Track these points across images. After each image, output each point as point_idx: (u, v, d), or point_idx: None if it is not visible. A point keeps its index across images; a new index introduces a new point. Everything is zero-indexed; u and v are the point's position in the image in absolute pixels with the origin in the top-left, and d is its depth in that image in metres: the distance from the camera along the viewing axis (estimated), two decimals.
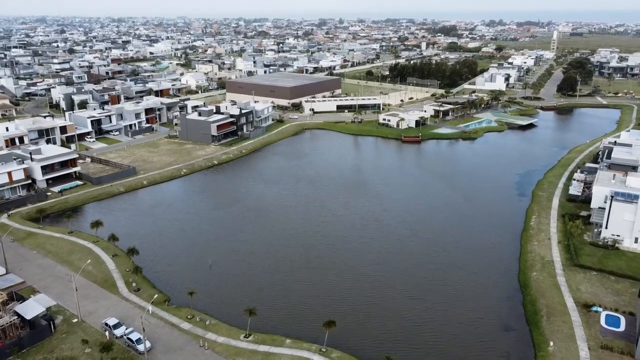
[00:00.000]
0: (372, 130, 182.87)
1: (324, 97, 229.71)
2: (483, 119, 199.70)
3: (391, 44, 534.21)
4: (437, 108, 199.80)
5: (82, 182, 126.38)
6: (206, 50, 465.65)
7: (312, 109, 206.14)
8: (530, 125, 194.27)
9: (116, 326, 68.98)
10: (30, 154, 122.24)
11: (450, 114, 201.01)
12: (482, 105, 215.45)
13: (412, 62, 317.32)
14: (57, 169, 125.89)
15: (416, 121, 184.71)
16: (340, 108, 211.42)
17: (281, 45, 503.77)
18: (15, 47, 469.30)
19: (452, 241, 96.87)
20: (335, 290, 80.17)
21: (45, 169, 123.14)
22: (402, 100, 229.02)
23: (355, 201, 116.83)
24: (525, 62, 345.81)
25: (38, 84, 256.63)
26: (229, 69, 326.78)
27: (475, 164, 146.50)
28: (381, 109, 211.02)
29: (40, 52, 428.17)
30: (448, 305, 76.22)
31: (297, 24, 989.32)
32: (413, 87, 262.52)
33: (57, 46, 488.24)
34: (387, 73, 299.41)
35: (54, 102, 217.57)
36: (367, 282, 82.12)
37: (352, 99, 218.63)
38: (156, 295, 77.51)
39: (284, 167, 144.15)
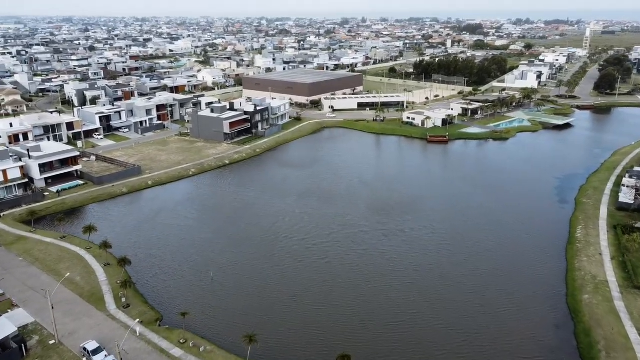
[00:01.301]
0: (395, 129, 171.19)
1: (344, 94, 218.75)
2: (515, 118, 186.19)
3: (415, 41, 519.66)
4: (465, 106, 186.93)
5: (83, 182, 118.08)
6: (226, 48, 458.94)
7: (332, 107, 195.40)
8: (567, 125, 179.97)
9: (96, 351, 59.34)
10: (28, 151, 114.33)
11: (479, 112, 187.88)
12: (514, 104, 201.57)
13: (437, 59, 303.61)
14: (57, 167, 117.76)
15: (443, 120, 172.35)
16: (362, 106, 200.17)
17: (302, 43, 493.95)
18: (38, 44, 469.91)
19: (488, 255, 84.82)
20: (353, 315, 68.81)
21: (44, 167, 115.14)
22: (427, 98, 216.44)
23: (377, 209, 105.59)
24: (557, 60, 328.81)
25: (53, 80, 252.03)
26: (248, 66, 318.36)
27: (508, 167, 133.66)
28: (405, 107, 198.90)
29: (61, 49, 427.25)
30: (487, 336, 64.35)
31: (319, 23, 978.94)
32: (439, 84, 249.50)
33: (79, 44, 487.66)
34: (411, 70, 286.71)
35: (67, 98, 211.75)
36: (391, 307, 70.50)
37: (374, 97, 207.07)
38: (145, 314, 67.86)
39: (298, 167, 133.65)
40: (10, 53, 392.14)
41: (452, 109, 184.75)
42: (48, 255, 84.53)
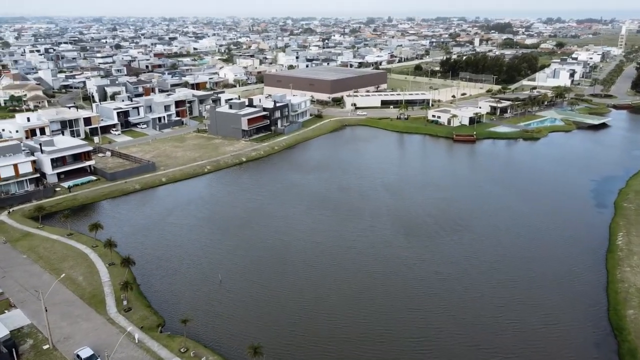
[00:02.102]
0: (419, 127, 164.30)
1: (367, 91, 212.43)
2: (546, 117, 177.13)
3: (442, 40, 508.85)
4: (494, 104, 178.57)
5: (95, 178, 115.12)
6: (250, 47, 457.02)
7: (354, 104, 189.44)
8: (603, 125, 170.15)
9: (89, 359, 55.03)
10: (40, 145, 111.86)
11: (508, 111, 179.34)
12: (545, 103, 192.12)
13: (464, 57, 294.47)
14: (70, 162, 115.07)
15: (470, 118, 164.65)
16: (385, 104, 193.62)
17: (326, 41, 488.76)
18: (65, 43, 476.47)
19: (519, 264, 77.78)
20: (370, 329, 62.64)
21: (56, 162, 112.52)
22: (453, 96, 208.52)
23: (399, 210, 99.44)
24: (591, 58, 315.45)
25: (76, 76, 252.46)
26: (271, 63, 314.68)
27: (540, 168, 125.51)
28: (430, 104, 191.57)
29: (88, 47, 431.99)
30: (520, 356, 57.69)
31: (344, 23, 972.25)
32: (466, 82, 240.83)
33: (105, 42, 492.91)
34: (438, 68, 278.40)
35: (89, 94, 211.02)
36: (412, 321, 64.18)
37: (399, 94, 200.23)
38: (146, 319, 63.41)
39: (317, 168, 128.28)
40: (38, 51, 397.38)
41: (480, 107, 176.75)
42: (53, 253, 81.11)
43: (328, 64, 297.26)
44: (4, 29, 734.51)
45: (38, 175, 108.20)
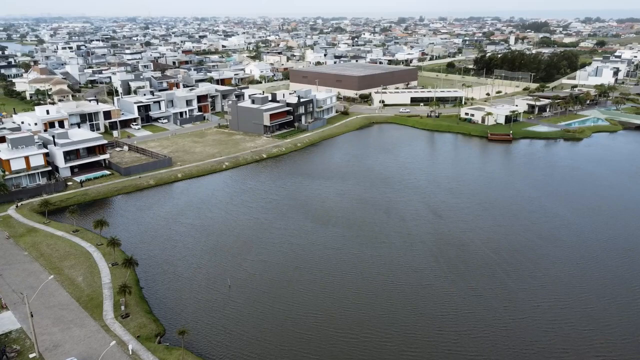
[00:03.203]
0: (451, 126, 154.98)
1: (396, 88, 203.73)
2: (589, 117, 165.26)
3: (475, 38, 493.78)
4: (532, 103, 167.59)
5: (109, 172, 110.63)
6: (278, 44, 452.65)
7: (382, 101, 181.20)
8: None
9: None
10: (54, 137, 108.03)
11: (547, 109, 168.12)
12: (587, 102, 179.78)
13: (499, 54, 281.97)
14: (83, 155, 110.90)
15: (506, 116, 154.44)
16: (415, 101, 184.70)
17: (356, 39, 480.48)
18: (97, 40, 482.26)
19: (568, 281, 68.67)
20: (393, 354, 55.13)
21: (69, 155, 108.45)
22: (488, 94, 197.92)
23: (430, 220, 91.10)
24: (635, 57, 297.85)
25: (103, 71, 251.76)
26: (298, 60, 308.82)
27: (585, 171, 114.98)
28: (463, 102, 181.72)
29: (118, 44, 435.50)
30: None
31: (375, 22, 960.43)
32: (501, 80, 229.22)
33: (136, 40, 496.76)
34: (471, 66, 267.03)
35: (114, 89, 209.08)
36: (443, 345, 56.03)
37: (429, 91, 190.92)
38: (144, 327, 57.28)
39: (341, 165, 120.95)
40: (70, 48, 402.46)
41: (516, 105, 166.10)
42: (55, 251, 76.25)
43: (357, 61, 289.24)
44: (41, 28, 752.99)
45: (50, 168, 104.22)
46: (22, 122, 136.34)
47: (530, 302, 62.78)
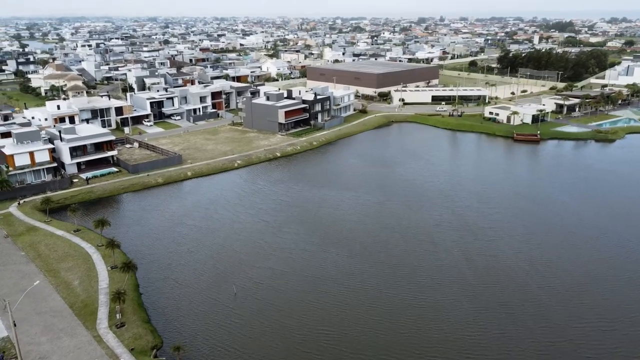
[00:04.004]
0: (474, 125, 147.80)
1: (417, 87, 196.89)
2: (621, 117, 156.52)
3: (497, 38, 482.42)
4: (561, 102, 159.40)
5: (117, 170, 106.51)
6: (297, 43, 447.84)
7: (402, 99, 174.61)
8: None
9: None
10: (60, 132, 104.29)
11: (577, 109, 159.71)
12: (619, 102, 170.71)
13: (524, 53, 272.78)
14: (91, 152, 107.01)
15: (533, 116, 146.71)
16: (437, 99, 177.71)
17: (375, 38, 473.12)
18: (117, 38, 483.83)
19: (619, 302, 61.73)
20: None
21: (76, 152, 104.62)
22: (513, 93, 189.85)
23: (455, 226, 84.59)
24: None
25: (120, 68, 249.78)
26: (316, 58, 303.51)
27: (622, 174, 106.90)
28: (487, 101, 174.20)
29: (137, 43, 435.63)
30: None
31: (394, 22, 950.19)
32: (526, 79, 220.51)
33: (155, 38, 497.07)
34: (495, 65, 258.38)
35: (128, 86, 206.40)
36: None
37: (451, 90, 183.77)
38: (140, 339, 52.23)
39: (357, 165, 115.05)
40: (90, 46, 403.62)
41: (543, 105, 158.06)
42: (53, 252, 71.94)
43: (376, 59, 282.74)
44: (64, 27, 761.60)
45: (55, 164, 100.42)
46: (33, 117, 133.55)
47: (569, 322, 56.09)
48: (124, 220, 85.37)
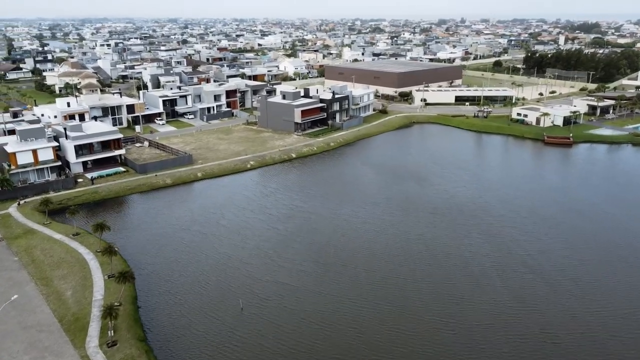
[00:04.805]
0: (501, 127, 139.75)
1: (439, 86, 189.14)
2: None
3: (521, 38, 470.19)
4: (594, 103, 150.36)
5: (124, 169, 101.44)
6: (315, 43, 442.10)
7: (424, 99, 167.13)
8: None
9: None
10: (65, 130, 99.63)
11: (611, 111, 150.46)
12: None
13: (551, 53, 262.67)
14: (97, 150, 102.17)
15: (564, 118, 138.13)
16: (460, 100, 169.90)
17: (395, 39, 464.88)
18: (136, 38, 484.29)
19: None
20: None
21: (82, 150, 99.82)
22: (541, 94, 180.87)
23: (486, 241, 77.25)
24: None
25: (136, 67, 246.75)
26: (335, 58, 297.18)
27: None
28: (514, 102, 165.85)
29: (156, 42, 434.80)
30: None
31: (414, 23, 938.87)
32: (554, 80, 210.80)
33: (174, 38, 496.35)
34: (520, 66, 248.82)
35: (142, 84, 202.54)
36: None
37: (476, 90, 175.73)
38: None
39: (376, 166, 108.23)
40: (108, 45, 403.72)
41: (574, 106, 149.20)
42: (49, 257, 66.70)
43: (396, 58, 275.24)
44: (85, 27, 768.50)
45: (59, 163, 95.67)
46: (42, 115, 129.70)
47: (628, 355, 48.61)
48: (128, 223, 80.00)
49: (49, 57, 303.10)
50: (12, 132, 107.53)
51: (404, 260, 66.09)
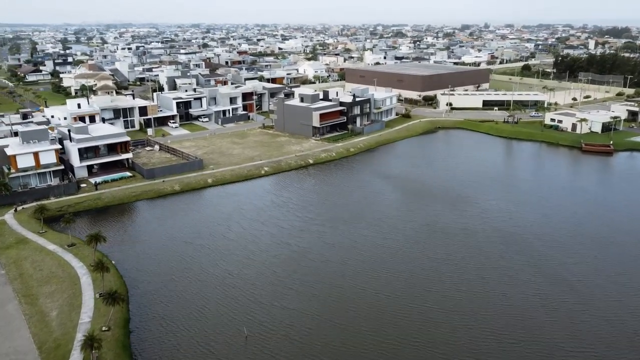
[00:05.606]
0: (533, 133, 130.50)
1: (465, 90, 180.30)
2: None
3: (549, 43, 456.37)
4: (635, 109, 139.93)
5: (130, 174, 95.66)
6: (336, 47, 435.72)
7: (450, 104, 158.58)
8: None
9: None
10: (69, 132, 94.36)
11: None
12: None
13: (584, 56, 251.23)
14: (103, 154, 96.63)
15: (603, 124, 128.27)
16: (488, 104, 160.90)
17: (418, 43, 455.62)
18: (157, 42, 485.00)
19: None
20: None
21: (87, 153, 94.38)
22: (574, 99, 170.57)
23: (527, 263, 68.90)
24: None
25: (154, 69, 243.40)
26: (356, 61, 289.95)
27: None
28: (545, 106, 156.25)
29: (176, 46, 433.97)
30: None
31: (437, 28, 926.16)
32: (587, 84, 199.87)
33: (195, 42, 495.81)
34: (550, 70, 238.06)
35: (157, 86, 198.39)
36: None
37: (504, 94, 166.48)
38: None
39: (400, 175, 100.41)
40: (130, 48, 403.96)
41: (613, 112, 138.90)
42: (38, 271, 60.70)
43: (419, 62, 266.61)
44: (109, 32, 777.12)
45: (62, 167, 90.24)
46: (52, 116, 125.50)
47: None
48: (128, 234, 73.77)
49: (69, 59, 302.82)
50: (17, 134, 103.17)
51: (432, 284, 58.19)
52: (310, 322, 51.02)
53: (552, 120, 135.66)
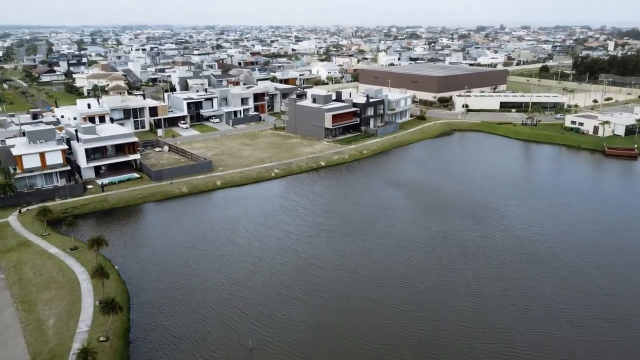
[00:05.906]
0: (553, 136, 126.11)
1: (482, 92, 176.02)
2: None
3: (567, 44, 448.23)
4: None
5: (138, 176, 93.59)
6: (350, 48, 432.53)
7: (466, 105, 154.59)
8: None
9: None
10: (76, 132, 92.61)
11: None
12: None
13: (606, 57, 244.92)
14: (110, 154, 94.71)
15: (627, 127, 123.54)
16: (505, 106, 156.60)
17: (433, 44, 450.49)
18: (171, 43, 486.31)
19: None
20: None
21: (94, 154, 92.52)
22: (595, 101, 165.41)
23: (552, 275, 65.22)
24: None
25: (166, 70, 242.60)
26: (370, 62, 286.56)
27: None
28: (566, 109, 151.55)
29: (190, 47, 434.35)
30: None
31: (452, 30, 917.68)
32: (608, 86, 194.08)
33: (209, 43, 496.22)
34: (569, 71, 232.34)
35: (169, 87, 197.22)
36: None
37: (522, 96, 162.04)
38: None
39: (414, 178, 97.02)
40: (144, 49, 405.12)
41: (637, 114, 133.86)
42: (38, 276, 58.63)
43: (434, 63, 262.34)
44: (125, 34, 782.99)
45: (69, 167, 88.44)
46: (62, 116, 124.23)
47: None
48: (133, 237, 71.47)
49: (84, 60, 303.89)
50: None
51: (448, 296, 54.86)
52: (318, 336, 48.04)
53: (573, 122, 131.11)
